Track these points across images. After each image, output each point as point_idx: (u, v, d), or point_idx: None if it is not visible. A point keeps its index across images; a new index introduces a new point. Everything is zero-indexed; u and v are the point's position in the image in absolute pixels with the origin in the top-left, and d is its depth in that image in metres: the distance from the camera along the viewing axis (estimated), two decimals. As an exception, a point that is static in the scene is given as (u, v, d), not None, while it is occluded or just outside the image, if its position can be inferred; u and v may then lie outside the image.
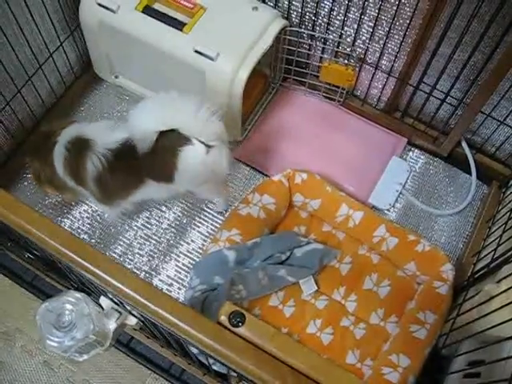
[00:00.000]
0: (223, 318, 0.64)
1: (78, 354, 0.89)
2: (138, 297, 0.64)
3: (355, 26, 1.41)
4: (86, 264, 0.67)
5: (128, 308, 0.90)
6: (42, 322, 0.84)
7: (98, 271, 0.66)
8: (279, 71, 1.58)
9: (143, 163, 1.21)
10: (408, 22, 1.32)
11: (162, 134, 1.18)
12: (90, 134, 1.24)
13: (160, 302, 0.64)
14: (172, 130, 1.18)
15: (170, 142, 1.19)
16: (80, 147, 1.23)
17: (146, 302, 0.64)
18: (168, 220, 1.48)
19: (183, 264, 1.43)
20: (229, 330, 0.64)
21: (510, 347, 0.98)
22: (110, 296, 0.88)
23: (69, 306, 0.85)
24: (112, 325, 0.92)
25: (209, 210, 1.49)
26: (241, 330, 0.64)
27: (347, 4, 1.36)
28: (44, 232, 0.67)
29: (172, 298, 0.66)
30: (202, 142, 1.19)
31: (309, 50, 1.54)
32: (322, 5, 1.41)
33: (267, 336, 0.63)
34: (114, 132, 1.23)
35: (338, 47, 1.49)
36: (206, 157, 1.21)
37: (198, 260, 1.40)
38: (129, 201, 1.33)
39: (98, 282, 0.68)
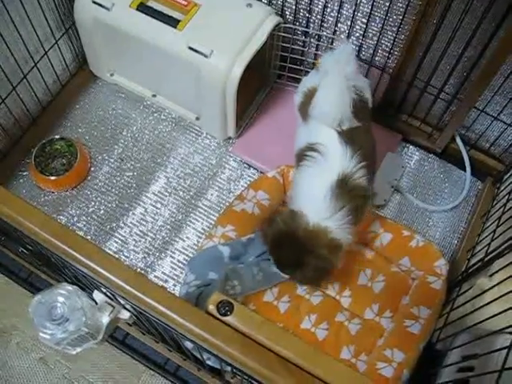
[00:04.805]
0: (211, 307, 0.64)
1: (70, 346, 0.89)
2: (125, 286, 0.65)
3: (349, 23, 1.42)
4: (77, 255, 0.67)
5: (121, 302, 0.90)
6: (35, 314, 0.84)
7: (84, 259, 0.66)
8: (273, 68, 1.59)
9: None
10: (401, 18, 1.32)
11: None
12: None
13: (148, 291, 0.64)
14: None
15: None
16: None
17: (134, 291, 0.65)
18: (163, 217, 1.48)
19: (178, 261, 1.43)
20: (217, 318, 0.64)
21: (503, 340, 0.98)
22: (103, 290, 0.89)
23: (61, 299, 0.85)
24: (105, 319, 0.92)
25: (203, 207, 1.50)
26: (229, 319, 0.64)
27: (341, 1, 1.37)
28: (35, 223, 0.68)
29: (160, 287, 0.66)
30: None
31: (303, 46, 1.54)
32: (316, 1, 1.41)
33: (255, 324, 0.63)
34: None
35: (331, 44, 1.49)
36: None
37: (192, 256, 1.41)
38: None
39: (88, 271, 0.68)
